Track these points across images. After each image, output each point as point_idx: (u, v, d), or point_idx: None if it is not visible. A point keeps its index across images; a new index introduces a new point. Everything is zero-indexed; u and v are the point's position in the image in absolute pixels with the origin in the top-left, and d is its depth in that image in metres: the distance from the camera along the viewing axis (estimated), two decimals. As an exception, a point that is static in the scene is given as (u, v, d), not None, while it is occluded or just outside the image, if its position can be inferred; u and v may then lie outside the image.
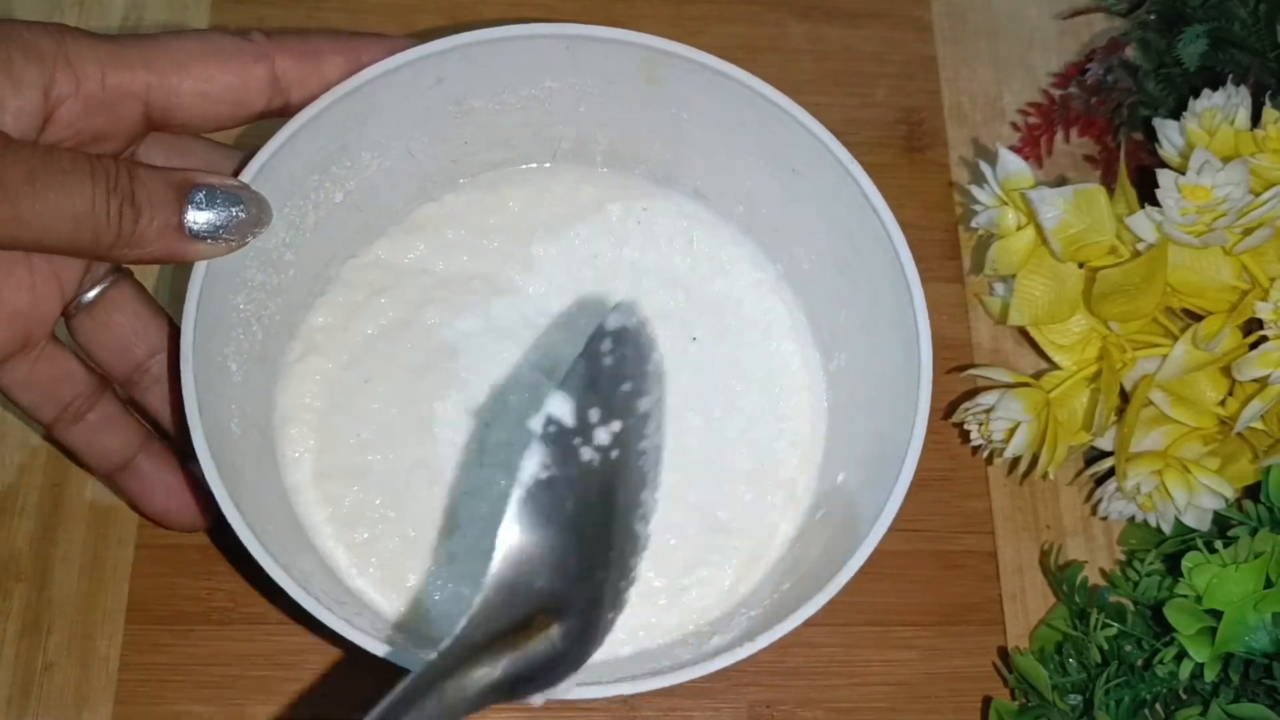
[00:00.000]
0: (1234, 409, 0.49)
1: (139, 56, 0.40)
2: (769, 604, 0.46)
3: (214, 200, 0.41)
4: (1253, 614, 0.46)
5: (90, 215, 0.38)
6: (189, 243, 0.40)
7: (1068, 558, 0.53)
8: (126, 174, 0.39)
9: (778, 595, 0.46)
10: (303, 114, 0.44)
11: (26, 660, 0.48)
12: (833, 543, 0.45)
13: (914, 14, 0.62)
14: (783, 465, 0.50)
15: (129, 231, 0.39)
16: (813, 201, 0.48)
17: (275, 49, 0.42)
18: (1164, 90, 0.57)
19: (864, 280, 0.47)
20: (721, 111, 0.47)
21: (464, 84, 0.47)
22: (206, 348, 0.43)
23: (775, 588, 0.47)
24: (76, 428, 0.44)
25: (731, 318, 0.52)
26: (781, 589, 0.46)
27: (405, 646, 0.40)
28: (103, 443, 0.45)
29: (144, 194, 0.39)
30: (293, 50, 0.42)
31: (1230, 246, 0.49)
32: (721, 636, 0.45)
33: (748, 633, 0.42)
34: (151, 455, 0.46)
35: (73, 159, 0.38)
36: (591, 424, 0.36)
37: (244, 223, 0.41)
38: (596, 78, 0.48)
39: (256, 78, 0.41)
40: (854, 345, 0.49)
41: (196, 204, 0.40)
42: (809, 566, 0.46)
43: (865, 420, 0.48)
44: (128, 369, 0.44)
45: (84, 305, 0.43)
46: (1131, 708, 0.48)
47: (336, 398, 0.49)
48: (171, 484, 0.46)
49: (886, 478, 0.42)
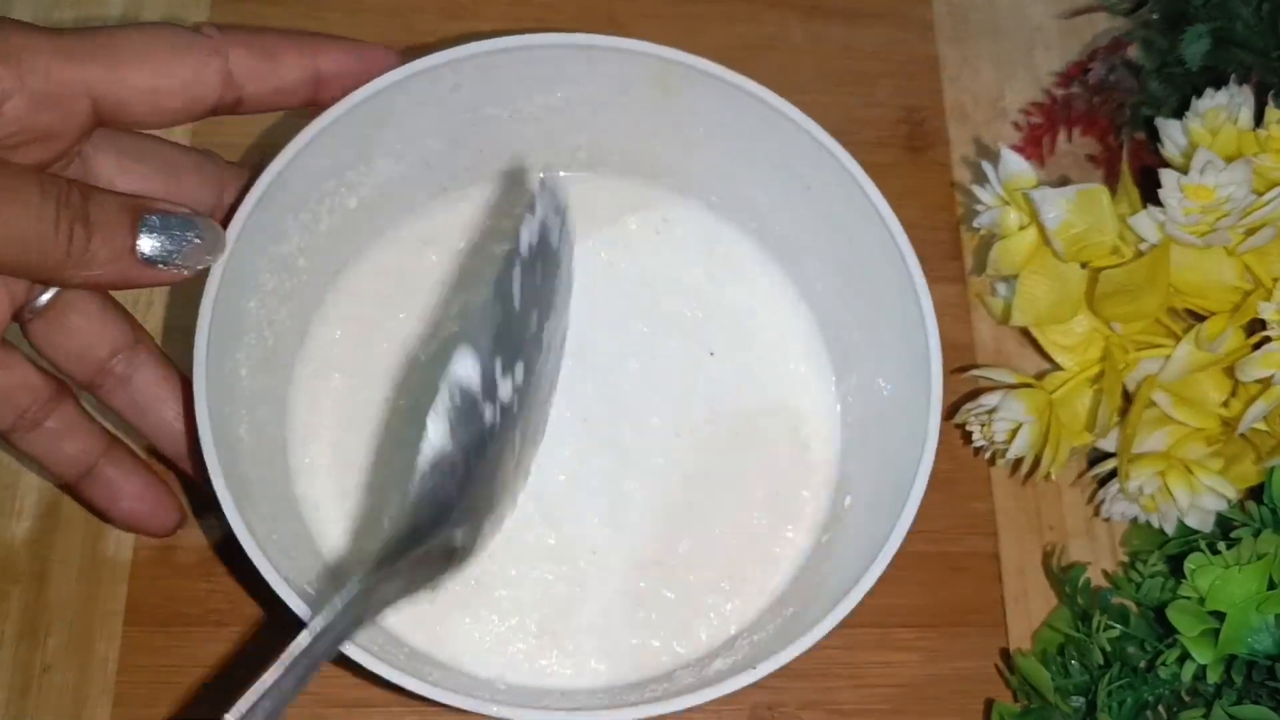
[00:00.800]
0: (1237, 410, 0.49)
1: (88, 50, 0.38)
2: (771, 629, 0.46)
3: (168, 226, 0.39)
4: (1256, 615, 0.46)
5: (39, 234, 0.37)
6: (140, 268, 0.39)
7: (1070, 559, 0.53)
8: (80, 193, 0.38)
9: (780, 621, 0.46)
10: (321, 119, 0.44)
11: (24, 662, 0.48)
12: (835, 570, 0.45)
13: (916, 13, 0.62)
14: (797, 490, 0.49)
15: (79, 252, 0.38)
16: (825, 216, 0.48)
17: (229, 44, 0.40)
18: (1167, 90, 0.56)
19: (875, 299, 0.47)
20: (735, 123, 0.47)
21: (480, 92, 0.47)
22: (219, 352, 0.43)
23: (778, 613, 0.47)
24: (34, 435, 0.43)
25: (749, 333, 0.51)
26: (784, 614, 0.46)
27: (400, 658, 0.40)
28: (63, 449, 0.44)
29: (98, 214, 0.38)
30: (247, 45, 0.41)
31: (1233, 247, 0.48)
32: (723, 660, 0.45)
33: (749, 658, 0.42)
34: (115, 460, 0.45)
35: (22, 174, 0.37)
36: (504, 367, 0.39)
37: (197, 249, 0.40)
38: (612, 88, 0.48)
39: (210, 73, 0.40)
40: (865, 366, 0.49)
41: (149, 228, 0.39)
42: (811, 593, 0.46)
43: (875, 445, 0.48)
44: (90, 372, 0.44)
45: (38, 309, 0.42)
46: (1134, 710, 0.48)
47: (350, 410, 0.49)
48: (137, 489, 0.45)
49: (894, 506, 0.42)
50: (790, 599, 0.47)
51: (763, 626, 0.47)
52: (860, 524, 0.46)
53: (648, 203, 0.52)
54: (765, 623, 0.47)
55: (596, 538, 0.48)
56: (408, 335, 0.50)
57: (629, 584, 0.48)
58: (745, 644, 0.46)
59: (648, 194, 0.52)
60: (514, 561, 0.48)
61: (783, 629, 0.45)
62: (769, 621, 0.47)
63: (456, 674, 0.45)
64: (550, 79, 0.47)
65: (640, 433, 0.50)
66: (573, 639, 0.47)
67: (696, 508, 0.49)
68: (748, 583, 0.48)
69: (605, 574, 0.48)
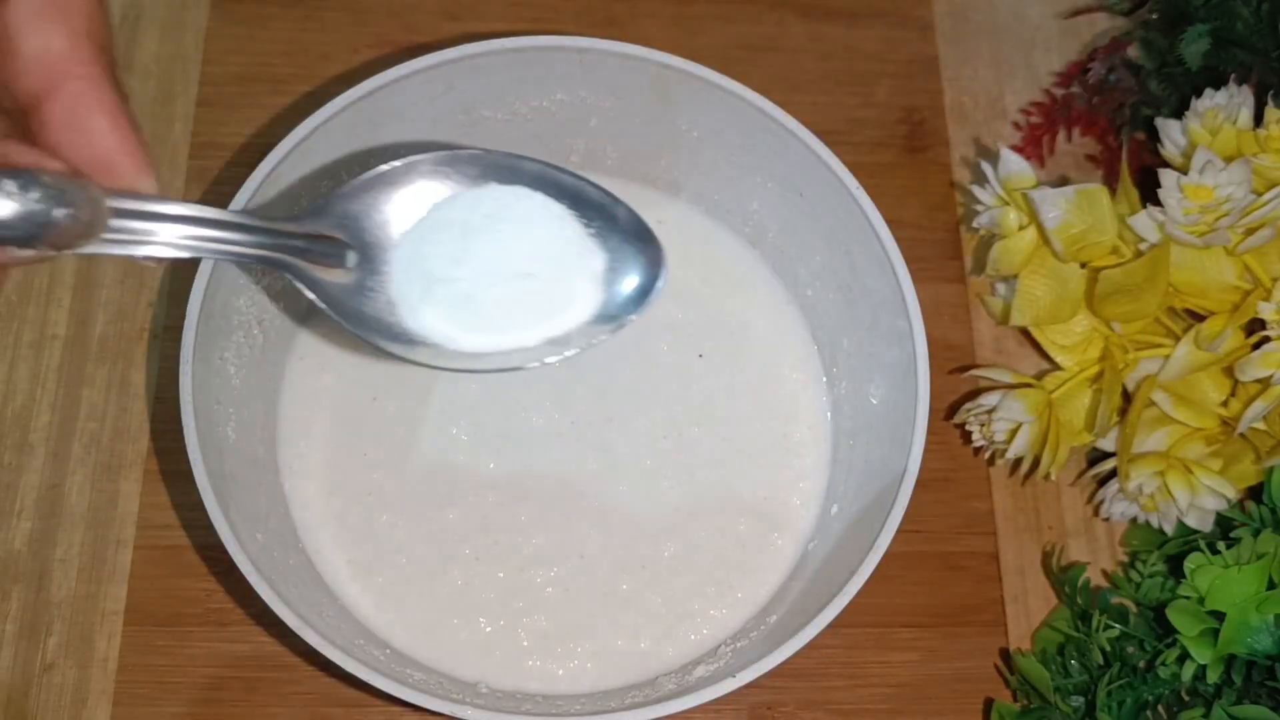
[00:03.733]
0: (1236, 410, 0.49)
1: None
2: (755, 636, 0.46)
3: (30, 192, 0.28)
4: (1255, 615, 0.46)
5: None
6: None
7: (1070, 559, 0.53)
8: None
9: (764, 628, 0.46)
10: (314, 118, 0.44)
11: (25, 661, 0.48)
12: (819, 578, 0.45)
13: (915, 13, 0.62)
14: (785, 497, 0.50)
15: None
16: (818, 223, 0.48)
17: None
18: (1166, 90, 0.56)
19: (865, 308, 0.47)
20: (730, 128, 0.47)
21: (474, 93, 0.47)
22: (206, 350, 0.43)
23: (762, 620, 0.47)
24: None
25: (740, 338, 0.52)
26: (768, 621, 0.46)
27: (381, 659, 0.40)
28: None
29: None
30: None
31: (1233, 246, 0.48)
32: (705, 667, 0.45)
33: (731, 665, 0.42)
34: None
35: None
36: None
37: (68, 230, 0.28)
38: (607, 91, 0.48)
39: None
40: (855, 374, 0.49)
41: (5, 195, 0.27)
42: (795, 601, 0.46)
43: (862, 454, 0.48)
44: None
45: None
46: (1134, 709, 0.48)
47: (342, 408, 0.49)
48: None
49: (879, 516, 0.42)
50: (774, 606, 0.47)
51: (746, 633, 0.47)
52: (845, 533, 0.46)
53: (641, 205, 0.52)
54: (749, 629, 0.47)
55: (584, 541, 0.48)
56: None
57: (615, 588, 0.48)
58: (728, 650, 0.46)
59: (642, 196, 0.52)
60: (501, 564, 0.48)
61: (766, 636, 0.45)
62: (753, 628, 0.47)
63: (439, 676, 0.45)
64: (545, 81, 0.47)
65: (629, 436, 0.50)
66: (559, 642, 0.47)
67: (684, 512, 0.49)
68: (734, 588, 0.48)
69: (592, 578, 0.48)
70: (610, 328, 0.38)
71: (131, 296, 0.54)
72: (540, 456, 0.49)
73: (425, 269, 0.36)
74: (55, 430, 0.52)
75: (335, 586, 0.47)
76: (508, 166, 0.37)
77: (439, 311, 0.37)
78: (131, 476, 0.51)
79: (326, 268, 0.35)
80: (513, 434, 0.49)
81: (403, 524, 0.48)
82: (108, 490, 0.51)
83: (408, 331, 0.37)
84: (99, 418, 0.52)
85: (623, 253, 0.38)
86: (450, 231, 0.37)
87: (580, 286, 0.38)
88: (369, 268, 0.36)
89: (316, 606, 0.43)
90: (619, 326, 0.38)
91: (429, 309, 0.36)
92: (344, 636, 0.42)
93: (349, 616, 0.46)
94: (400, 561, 0.47)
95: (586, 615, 0.47)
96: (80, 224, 0.29)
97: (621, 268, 0.38)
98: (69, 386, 0.52)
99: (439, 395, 0.50)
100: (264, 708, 0.48)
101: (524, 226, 0.37)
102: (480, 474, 0.49)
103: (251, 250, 0.33)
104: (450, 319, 0.37)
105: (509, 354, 0.37)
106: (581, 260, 0.38)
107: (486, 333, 0.37)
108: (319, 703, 0.49)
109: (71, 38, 0.30)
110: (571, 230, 0.38)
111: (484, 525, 0.48)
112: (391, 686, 0.39)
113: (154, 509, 0.51)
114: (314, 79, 0.58)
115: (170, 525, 0.50)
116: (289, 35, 0.59)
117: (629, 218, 0.38)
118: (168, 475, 0.51)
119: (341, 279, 0.35)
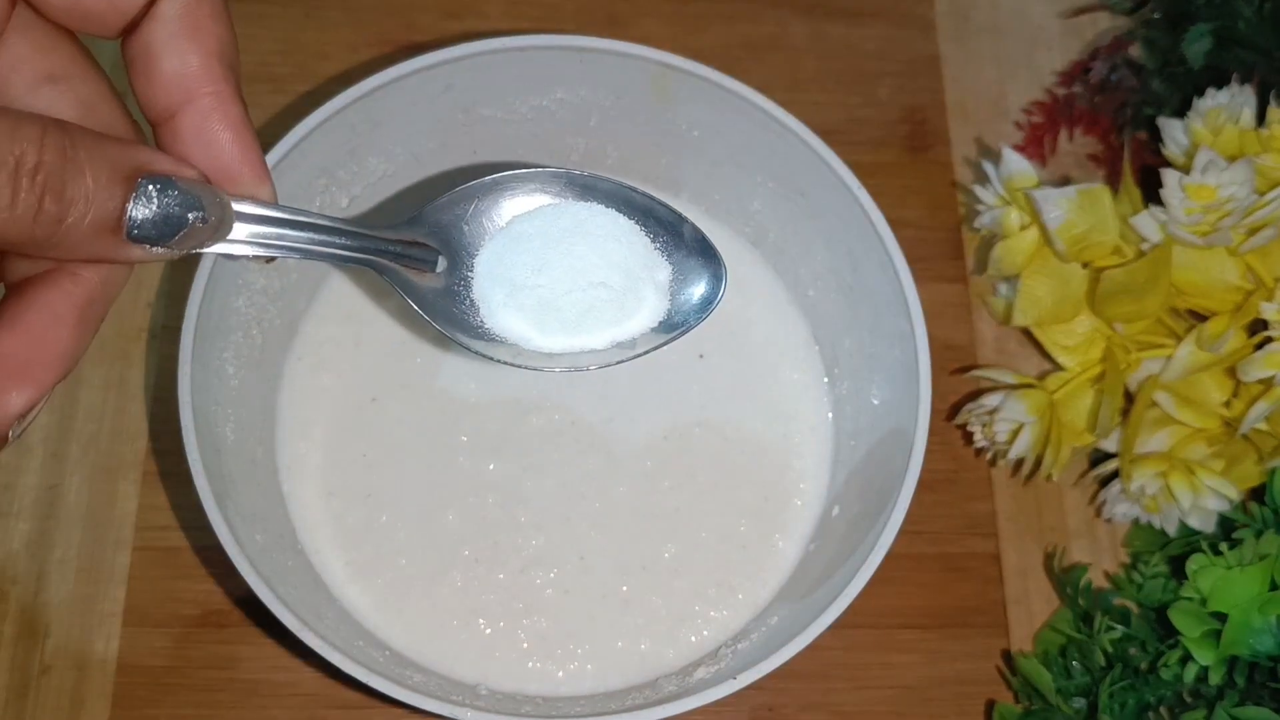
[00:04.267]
0: (1239, 410, 0.49)
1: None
2: (755, 638, 0.46)
3: (167, 195, 0.30)
4: (1258, 616, 0.46)
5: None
6: (123, 246, 0.30)
7: (1072, 560, 0.53)
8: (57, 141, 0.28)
9: (764, 630, 0.46)
10: (313, 117, 0.44)
11: (23, 663, 0.48)
12: (820, 580, 0.45)
13: (917, 12, 0.62)
14: (787, 498, 0.49)
15: (46, 233, 0.28)
16: (819, 223, 0.48)
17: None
18: (1168, 89, 0.56)
19: (867, 309, 0.47)
20: (731, 127, 0.47)
21: (474, 92, 0.47)
22: (205, 350, 0.43)
23: (763, 622, 0.47)
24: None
25: (742, 338, 0.51)
26: (769, 623, 0.46)
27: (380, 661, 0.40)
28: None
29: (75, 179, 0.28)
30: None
31: (1235, 246, 0.48)
32: (706, 669, 0.45)
33: (732, 667, 0.42)
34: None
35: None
36: None
37: (198, 232, 0.31)
38: (608, 90, 0.48)
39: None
40: (857, 376, 0.49)
41: (146, 198, 0.29)
42: (796, 603, 0.46)
43: (863, 455, 0.47)
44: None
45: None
46: (1136, 711, 0.48)
47: (340, 409, 0.49)
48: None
49: (879, 518, 0.42)
50: (775, 608, 0.47)
51: (747, 635, 0.47)
52: (846, 534, 0.46)
53: None
54: (749, 631, 0.47)
55: (585, 542, 0.48)
56: (400, 336, 0.50)
57: (616, 589, 0.48)
58: (729, 652, 0.46)
59: None
60: (502, 566, 0.48)
61: (767, 638, 0.45)
62: (753, 630, 0.47)
63: (438, 678, 0.45)
64: (545, 81, 0.47)
65: (630, 436, 0.50)
66: (559, 644, 0.47)
67: (685, 513, 0.49)
68: (734, 590, 0.48)
69: (592, 579, 0.48)
70: (672, 334, 0.40)
71: (129, 296, 0.53)
72: (540, 457, 0.49)
73: (508, 276, 0.39)
74: (53, 431, 0.51)
75: (334, 588, 0.47)
76: (584, 185, 0.39)
77: (520, 315, 0.39)
78: (130, 477, 0.51)
79: (419, 272, 0.37)
80: (513, 435, 0.49)
81: (402, 525, 0.48)
82: (106, 491, 0.51)
83: (489, 331, 0.39)
84: (97, 418, 0.52)
85: (687, 266, 0.40)
86: (531, 243, 0.39)
87: (647, 296, 0.40)
88: (456, 273, 0.38)
89: (315, 608, 0.43)
90: (681, 333, 0.40)
91: (510, 312, 0.39)
92: (343, 638, 0.42)
93: (348, 618, 0.46)
94: (400, 563, 0.47)
95: (587, 617, 0.47)
96: (209, 226, 0.31)
97: (685, 279, 0.40)
98: (67, 387, 0.52)
99: (439, 396, 0.50)
100: (263, 710, 0.48)
101: (598, 240, 0.39)
102: (480, 475, 0.49)
103: (356, 254, 0.35)
104: (530, 321, 0.39)
105: (579, 355, 0.40)
106: (649, 272, 0.40)
107: (562, 335, 0.40)
108: (318, 705, 0.48)
109: (204, 58, 0.32)
110: (641, 244, 0.40)
111: (484, 526, 0.48)
112: (391, 688, 0.39)
113: (152, 510, 0.51)
114: (313, 78, 0.58)
115: (168, 526, 0.50)
116: (287, 34, 0.59)
117: (694, 234, 0.40)
118: (166, 476, 0.51)
119: (431, 282, 0.38)
